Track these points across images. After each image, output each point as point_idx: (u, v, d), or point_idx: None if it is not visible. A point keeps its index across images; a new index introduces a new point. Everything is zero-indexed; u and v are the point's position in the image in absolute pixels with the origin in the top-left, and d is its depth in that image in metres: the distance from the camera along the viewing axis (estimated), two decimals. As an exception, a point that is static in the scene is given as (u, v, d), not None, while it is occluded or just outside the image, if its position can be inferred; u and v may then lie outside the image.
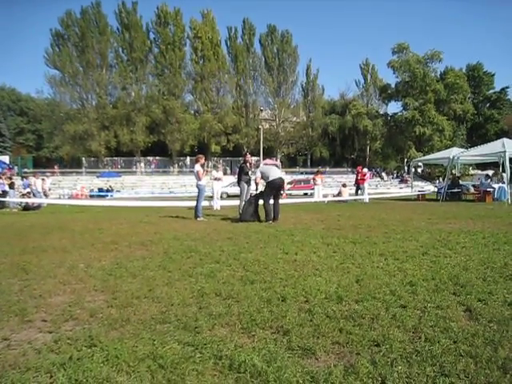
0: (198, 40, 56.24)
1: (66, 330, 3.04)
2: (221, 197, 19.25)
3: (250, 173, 13.19)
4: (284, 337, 2.79)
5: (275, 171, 11.23)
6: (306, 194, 31.73)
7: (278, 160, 61.04)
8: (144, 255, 6.02)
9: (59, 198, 33.66)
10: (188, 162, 57.36)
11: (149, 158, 57.71)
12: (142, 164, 56.00)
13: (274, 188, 11.17)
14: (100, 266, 5.32)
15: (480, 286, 3.94)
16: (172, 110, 53.98)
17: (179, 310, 3.43)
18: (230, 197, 27.92)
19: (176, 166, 58.85)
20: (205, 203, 14.02)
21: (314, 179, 23.64)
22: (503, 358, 2.38)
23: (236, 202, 14.11)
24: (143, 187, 45.43)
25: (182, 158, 59.30)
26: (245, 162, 13.20)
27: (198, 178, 12.56)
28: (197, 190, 12.74)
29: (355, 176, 24.58)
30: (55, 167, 52.95)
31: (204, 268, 5.00)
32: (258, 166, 12.95)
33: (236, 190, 15.38)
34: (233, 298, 3.72)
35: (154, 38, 57.36)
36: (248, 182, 12.94)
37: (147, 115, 54.57)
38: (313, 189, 23.86)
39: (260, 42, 61.86)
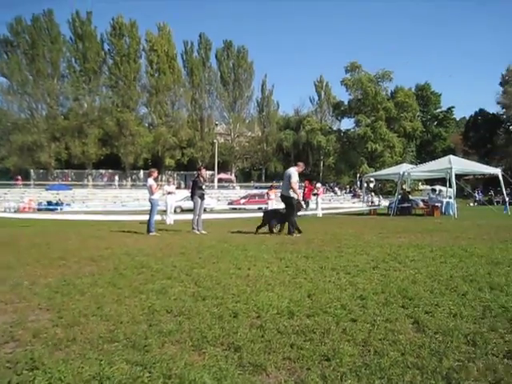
0: (154, 53, 55.74)
1: (5, 352, 2.87)
2: (174, 211, 19.02)
3: (203, 187, 13.05)
4: (235, 353, 2.76)
5: (283, 185, 12.03)
6: (260, 208, 31.81)
7: (233, 174, 61.17)
8: (93, 271, 5.83)
9: (4, 211, 32.24)
10: (141, 176, 56.37)
11: (101, 170, 56.26)
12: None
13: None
14: (46, 283, 5.11)
15: (427, 298, 4.06)
16: (126, 123, 53.05)
17: (128, 328, 3.33)
18: (183, 211, 27.63)
19: (129, 179, 57.68)
20: (157, 217, 13.80)
21: (267, 194, 23.85)
22: (447, 368, 2.45)
23: (189, 217, 13.96)
24: (94, 201, 44.10)
25: (135, 172, 58.24)
26: (198, 176, 13.10)
27: (151, 193, 12.37)
28: (149, 205, 12.55)
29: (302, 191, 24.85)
30: (18, 178, 49.50)
31: (155, 284, 4.90)
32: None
33: (190, 204, 15.17)
34: (184, 314, 3.65)
35: (109, 49, 56.32)
36: (202, 197, 12.77)
37: (100, 127, 53.33)
38: (267, 203, 24.01)
39: (216, 56, 62.18)
